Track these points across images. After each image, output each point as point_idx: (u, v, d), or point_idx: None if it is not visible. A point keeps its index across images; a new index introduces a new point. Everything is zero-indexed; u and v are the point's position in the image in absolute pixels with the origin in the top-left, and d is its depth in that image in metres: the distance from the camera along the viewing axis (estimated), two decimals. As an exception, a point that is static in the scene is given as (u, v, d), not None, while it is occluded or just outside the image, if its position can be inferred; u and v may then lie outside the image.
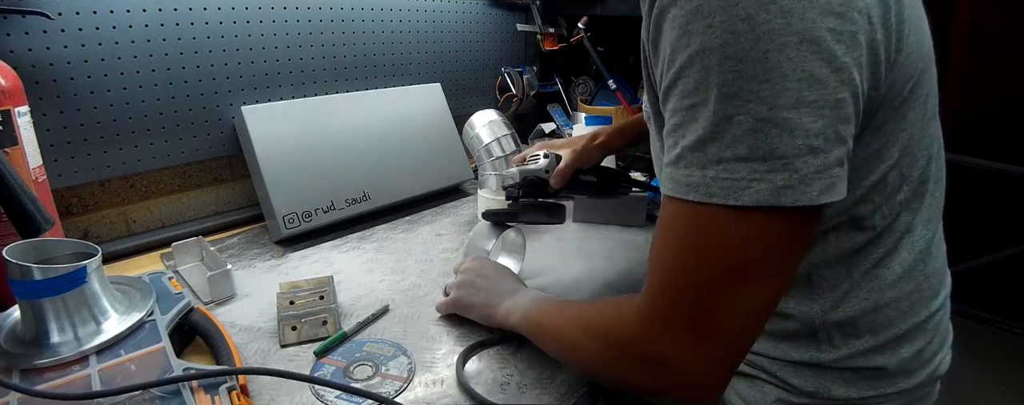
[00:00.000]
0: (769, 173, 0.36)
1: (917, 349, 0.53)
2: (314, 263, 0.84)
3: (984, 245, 1.97)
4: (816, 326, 0.52)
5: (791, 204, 0.36)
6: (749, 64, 0.36)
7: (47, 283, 0.54)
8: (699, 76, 0.38)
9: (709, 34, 0.37)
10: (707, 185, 0.38)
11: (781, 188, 0.36)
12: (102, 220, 0.88)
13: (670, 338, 0.41)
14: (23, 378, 0.51)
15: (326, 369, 0.59)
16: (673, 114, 0.41)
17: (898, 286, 0.51)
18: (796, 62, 0.35)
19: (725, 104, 0.37)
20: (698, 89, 0.38)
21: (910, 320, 0.52)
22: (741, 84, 0.36)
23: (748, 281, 0.39)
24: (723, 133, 0.37)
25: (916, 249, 0.51)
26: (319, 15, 1.04)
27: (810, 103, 0.36)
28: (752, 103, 0.36)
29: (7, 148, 0.65)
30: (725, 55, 0.36)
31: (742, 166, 0.37)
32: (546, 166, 0.78)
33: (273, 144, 0.91)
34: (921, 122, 0.47)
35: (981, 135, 1.89)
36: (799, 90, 0.36)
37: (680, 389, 0.42)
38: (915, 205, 0.50)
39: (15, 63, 0.73)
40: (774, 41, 0.35)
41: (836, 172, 0.37)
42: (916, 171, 0.48)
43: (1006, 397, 1.79)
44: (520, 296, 0.63)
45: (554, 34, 1.38)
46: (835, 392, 0.53)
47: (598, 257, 0.86)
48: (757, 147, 0.36)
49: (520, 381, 0.58)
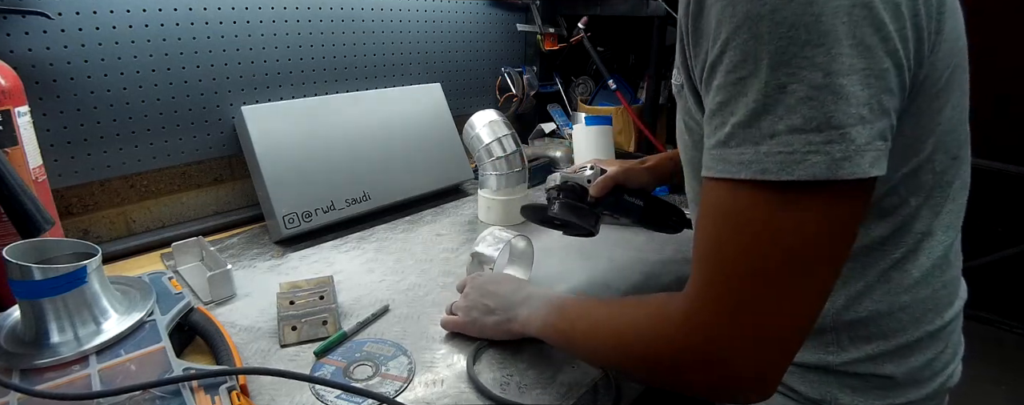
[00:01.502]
0: (826, 144, 0.35)
1: (928, 359, 0.51)
2: (314, 263, 0.84)
3: (984, 245, 1.97)
4: (827, 325, 0.51)
5: (848, 176, 0.35)
6: (801, 29, 0.34)
7: (47, 283, 0.54)
8: (748, 46, 0.36)
9: (757, 1, 0.35)
10: (760, 161, 0.36)
11: (839, 160, 0.35)
12: (102, 220, 0.88)
13: (726, 333, 0.39)
14: (23, 378, 0.51)
15: (326, 369, 0.59)
16: (719, 91, 0.39)
17: (913, 291, 0.50)
18: (850, 27, 0.34)
19: (777, 72, 0.35)
20: (747, 60, 0.36)
21: (923, 328, 0.51)
22: (794, 50, 0.34)
23: (807, 265, 0.37)
24: (777, 104, 0.35)
25: (934, 255, 0.49)
26: (319, 15, 1.04)
27: (860, 70, 0.35)
28: (806, 70, 0.34)
29: (7, 148, 0.65)
30: (775, 21, 0.35)
31: (796, 138, 0.35)
32: (590, 176, 0.76)
33: (273, 144, 0.91)
34: (955, 120, 0.46)
35: (982, 134, 1.89)
36: (851, 56, 0.34)
37: (737, 386, 0.40)
38: (937, 206, 0.48)
39: (15, 63, 0.73)
40: (828, 4, 0.34)
41: (880, 145, 0.36)
42: (943, 167, 0.47)
43: (1006, 398, 1.79)
44: (534, 302, 0.60)
45: (554, 34, 1.38)
46: (842, 400, 0.52)
47: (598, 257, 0.86)
48: (812, 117, 0.35)
49: (520, 381, 0.58)
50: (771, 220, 0.37)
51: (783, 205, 0.37)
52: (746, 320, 0.38)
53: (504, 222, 0.98)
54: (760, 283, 0.37)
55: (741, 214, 0.38)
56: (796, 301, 0.38)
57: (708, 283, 0.40)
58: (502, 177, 0.96)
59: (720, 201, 0.39)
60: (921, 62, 0.40)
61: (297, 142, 0.94)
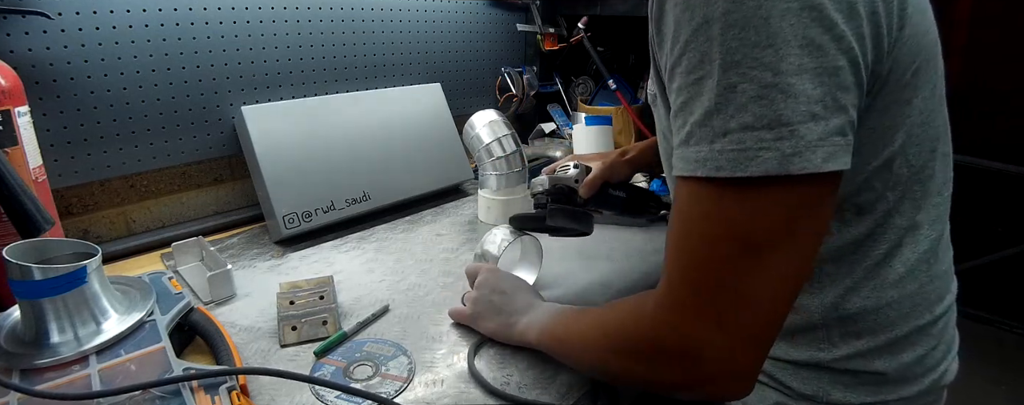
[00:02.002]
0: (776, 141, 0.36)
1: (919, 355, 0.52)
2: (314, 263, 0.84)
3: (984, 245, 1.97)
4: (817, 322, 0.52)
5: (799, 171, 0.36)
6: (751, 31, 0.36)
7: (47, 283, 0.54)
8: (703, 48, 0.38)
9: (711, 5, 0.37)
10: (714, 158, 0.38)
11: (789, 156, 0.36)
12: (102, 220, 0.88)
13: (694, 325, 0.40)
14: (23, 378, 0.51)
15: (326, 369, 0.59)
16: (679, 93, 0.40)
17: (900, 286, 0.50)
18: (797, 28, 0.36)
19: (729, 73, 0.37)
20: (702, 62, 0.38)
21: (912, 323, 0.51)
22: (744, 51, 0.36)
23: (766, 256, 0.38)
24: (728, 103, 0.37)
25: (920, 249, 0.50)
26: (319, 15, 1.04)
27: (811, 69, 0.36)
28: (756, 69, 0.36)
29: (7, 148, 0.65)
30: (727, 23, 0.36)
31: (748, 135, 0.37)
32: (576, 176, 0.77)
33: (273, 144, 0.91)
34: (927, 112, 0.47)
35: (981, 134, 1.89)
36: (800, 56, 0.36)
37: (713, 381, 0.40)
38: (918, 200, 0.49)
39: (15, 63, 0.73)
40: (776, 7, 0.35)
41: (837, 141, 0.37)
42: (920, 161, 0.48)
43: (1006, 398, 1.79)
44: (536, 311, 0.61)
45: (554, 34, 1.38)
46: (834, 396, 0.52)
47: (598, 257, 0.86)
48: (763, 114, 0.36)
49: (520, 381, 0.58)
50: (727, 215, 0.38)
51: (738, 201, 0.38)
52: (710, 314, 0.39)
53: (505, 222, 0.98)
54: (721, 277, 0.39)
55: (700, 210, 0.40)
56: (759, 294, 0.38)
57: (674, 279, 0.41)
58: (502, 177, 0.96)
59: (682, 199, 0.41)
60: (881, 58, 0.41)
61: (297, 142, 0.94)
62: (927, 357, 0.53)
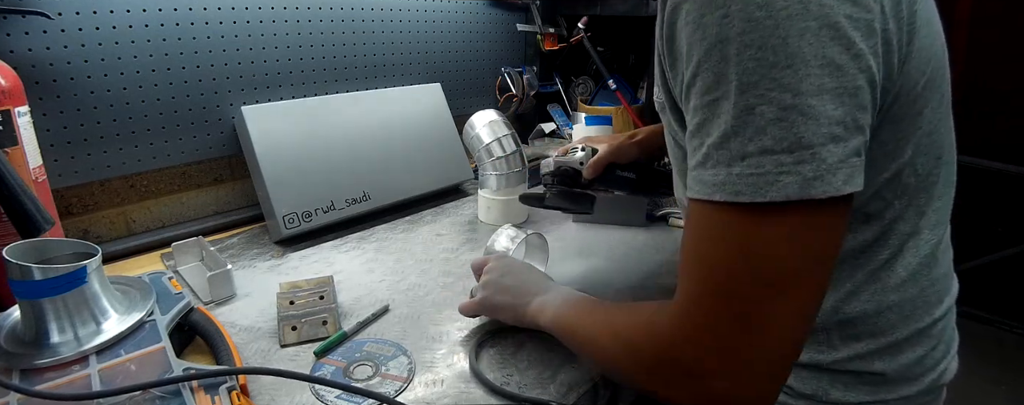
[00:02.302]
0: (797, 164, 0.35)
1: (919, 355, 0.52)
2: (314, 263, 0.84)
3: (984, 245, 1.97)
4: (818, 325, 0.52)
5: (821, 195, 0.35)
6: (769, 51, 0.35)
7: (47, 283, 0.54)
8: (718, 69, 0.37)
9: (725, 24, 0.36)
10: (733, 183, 0.37)
11: (810, 179, 0.35)
12: (102, 220, 0.88)
13: (709, 351, 0.39)
14: (23, 378, 0.51)
15: (326, 369, 0.59)
16: (695, 113, 0.39)
17: (901, 290, 0.50)
18: (817, 48, 0.35)
19: (746, 94, 0.36)
20: (718, 83, 0.37)
21: (912, 325, 0.51)
22: (762, 72, 0.35)
23: (785, 285, 0.37)
24: (746, 125, 0.36)
25: (921, 253, 0.50)
26: (319, 15, 1.04)
27: (831, 90, 0.35)
28: (775, 91, 0.35)
29: (7, 148, 0.65)
30: (744, 44, 0.35)
31: (768, 159, 0.36)
32: (582, 158, 0.79)
33: (273, 144, 0.91)
34: (935, 121, 0.47)
35: (981, 134, 1.89)
36: (821, 76, 0.35)
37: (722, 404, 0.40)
38: (922, 206, 0.49)
39: (15, 63, 0.73)
40: (793, 26, 0.34)
41: (855, 162, 0.36)
42: (926, 169, 0.48)
43: (1006, 398, 1.79)
44: (550, 294, 0.60)
45: (554, 34, 1.38)
46: (833, 395, 0.52)
47: (598, 257, 0.87)
48: (783, 137, 0.35)
49: (520, 381, 0.58)
50: (746, 241, 0.37)
51: (758, 226, 0.37)
52: (725, 344, 0.38)
53: (504, 222, 0.98)
54: (737, 302, 0.38)
55: (718, 234, 0.39)
56: (774, 321, 0.38)
57: (691, 302, 0.40)
58: (502, 177, 0.96)
59: (699, 221, 0.40)
60: (892, 75, 0.40)
61: (297, 142, 0.94)
62: (927, 357, 0.53)
